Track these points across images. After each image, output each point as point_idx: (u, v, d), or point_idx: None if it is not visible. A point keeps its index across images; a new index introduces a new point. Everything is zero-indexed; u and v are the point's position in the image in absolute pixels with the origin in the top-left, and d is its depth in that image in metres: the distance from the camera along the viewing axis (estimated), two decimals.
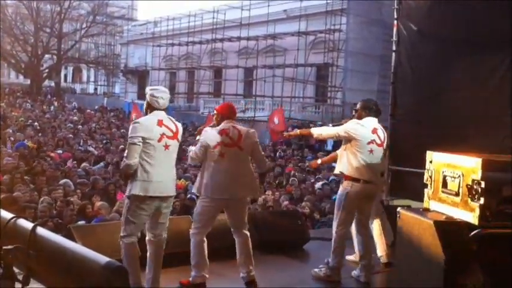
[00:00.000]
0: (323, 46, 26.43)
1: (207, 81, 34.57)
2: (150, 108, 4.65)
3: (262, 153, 5.27)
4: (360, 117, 5.48)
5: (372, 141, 5.29)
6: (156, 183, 4.45)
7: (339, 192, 5.38)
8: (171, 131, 4.57)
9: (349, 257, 5.78)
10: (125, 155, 4.50)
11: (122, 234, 4.51)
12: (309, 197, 10.70)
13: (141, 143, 4.42)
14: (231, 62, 32.47)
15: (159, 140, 4.48)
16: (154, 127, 4.49)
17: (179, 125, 4.73)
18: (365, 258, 5.45)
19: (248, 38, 30.46)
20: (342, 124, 5.57)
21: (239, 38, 30.92)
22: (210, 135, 4.87)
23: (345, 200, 5.25)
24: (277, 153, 18.95)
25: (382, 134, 5.40)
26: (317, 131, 5.66)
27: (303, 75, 27.95)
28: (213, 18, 32.28)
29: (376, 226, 5.99)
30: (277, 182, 12.99)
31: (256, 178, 5.23)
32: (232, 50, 32.34)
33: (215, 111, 5.23)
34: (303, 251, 6.47)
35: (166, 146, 4.51)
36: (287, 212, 8.07)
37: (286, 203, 10.04)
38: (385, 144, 5.44)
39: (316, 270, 5.32)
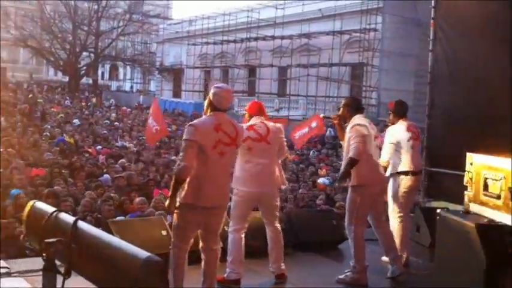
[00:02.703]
0: (358, 45, 26.26)
1: (241, 79, 34.69)
2: (211, 107, 4.34)
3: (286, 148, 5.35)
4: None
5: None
6: (208, 192, 4.17)
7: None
8: (229, 136, 4.25)
9: (384, 258, 5.74)
10: (180, 157, 4.17)
11: (171, 241, 4.35)
12: (343, 196, 10.65)
13: (195, 147, 4.11)
14: (265, 60, 32.49)
15: (214, 147, 4.16)
16: (210, 132, 4.18)
17: (240, 129, 4.44)
18: (391, 253, 5.45)
19: (282, 37, 30.44)
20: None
21: (273, 37, 30.93)
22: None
23: (356, 202, 5.27)
24: (311, 152, 18.91)
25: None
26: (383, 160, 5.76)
27: (337, 74, 27.80)
28: (248, 17, 32.38)
29: (398, 227, 5.91)
30: (311, 180, 12.96)
31: (281, 170, 5.26)
32: (267, 48, 32.37)
33: (245, 111, 5.31)
34: (338, 250, 6.45)
35: (221, 153, 4.19)
36: (322, 211, 8.05)
37: (320, 202, 10.02)
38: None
39: (341, 276, 5.27)
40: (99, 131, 19.22)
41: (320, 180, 12.49)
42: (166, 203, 4.24)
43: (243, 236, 4.96)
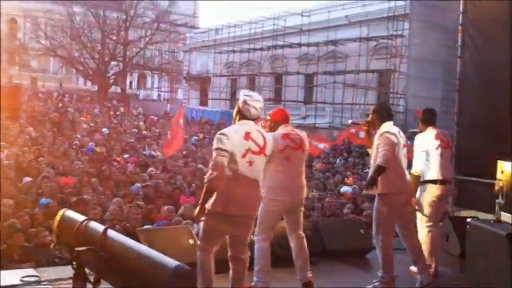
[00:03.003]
0: (385, 52, 26.06)
1: (267, 87, 34.72)
2: (240, 116, 4.38)
3: None
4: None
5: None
6: (237, 201, 4.19)
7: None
8: (258, 145, 4.29)
9: (412, 268, 5.67)
10: (211, 166, 4.18)
11: (198, 247, 4.37)
12: (370, 204, 10.56)
13: (227, 156, 4.13)
14: (291, 68, 32.48)
15: (243, 156, 4.19)
16: (240, 141, 4.21)
17: (268, 138, 4.46)
18: (420, 262, 5.38)
19: (309, 44, 30.39)
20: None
21: (300, 44, 30.91)
22: (274, 139, 4.81)
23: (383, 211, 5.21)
24: (338, 161, 18.81)
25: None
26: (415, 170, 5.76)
27: (364, 81, 27.61)
28: (274, 24, 32.43)
29: (426, 236, 5.82)
30: (337, 189, 12.89)
31: None
32: (293, 56, 32.35)
33: (268, 117, 5.30)
34: (365, 259, 6.40)
35: (251, 163, 4.22)
36: (349, 220, 8.01)
37: (347, 211, 9.95)
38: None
39: (369, 287, 5.19)
40: (127, 140, 19.43)
41: (344, 189, 12.40)
42: (196, 211, 4.25)
43: (269, 245, 4.97)
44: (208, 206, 4.17)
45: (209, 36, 41.19)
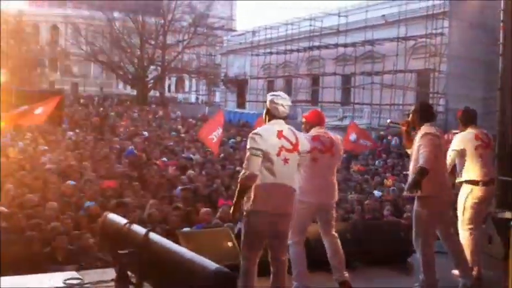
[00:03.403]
0: (424, 51, 25.67)
1: (304, 89, 34.66)
2: (269, 115, 4.45)
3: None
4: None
5: None
6: (276, 199, 4.25)
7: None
8: (291, 143, 4.33)
9: (454, 271, 5.58)
10: (244, 166, 4.25)
11: (242, 255, 4.37)
12: (411, 207, 10.41)
13: (261, 155, 4.20)
14: (328, 69, 32.33)
15: (278, 154, 4.24)
16: (273, 139, 4.27)
17: (300, 136, 4.51)
18: (461, 266, 5.30)
19: (346, 45, 30.22)
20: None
21: (336, 45, 30.75)
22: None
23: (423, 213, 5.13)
24: (377, 162, 18.63)
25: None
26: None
27: (403, 81, 27.25)
28: (310, 25, 32.38)
29: (468, 238, 5.71)
30: (376, 191, 12.76)
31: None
32: (330, 57, 32.20)
33: (303, 119, 5.31)
34: (406, 263, 6.31)
35: (285, 160, 4.27)
36: (389, 223, 7.90)
37: (387, 213, 9.84)
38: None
39: None
40: (166, 143, 19.67)
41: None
42: (231, 211, 4.33)
43: (303, 248, 4.97)
44: (247, 206, 4.23)
45: (246, 38, 41.40)
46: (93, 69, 59.06)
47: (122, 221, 4.02)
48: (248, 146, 4.28)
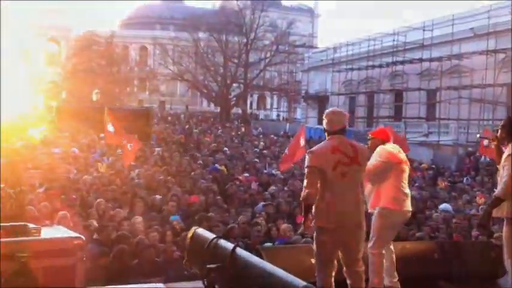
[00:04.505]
0: None
1: (386, 104, 34.04)
2: (326, 132, 4.56)
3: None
4: None
5: None
6: (336, 213, 4.32)
7: None
8: (348, 156, 4.37)
9: None
10: (304, 184, 4.41)
11: (316, 271, 4.47)
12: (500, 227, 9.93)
13: (316, 172, 4.32)
14: (412, 84, 31.59)
15: (334, 169, 4.31)
16: (327, 155, 4.36)
17: (360, 148, 4.55)
18: None
19: (431, 59, 29.42)
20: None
21: (421, 60, 30.02)
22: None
23: None
24: (465, 179, 17.94)
25: None
26: None
27: (492, 96, 26.12)
28: (394, 40, 31.81)
29: None
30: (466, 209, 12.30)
31: None
32: (414, 72, 31.47)
33: (370, 136, 5.31)
34: (497, 284, 6.05)
35: (343, 174, 4.33)
36: (478, 243, 7.61)
37: (476, 233, 9.45)
38: None
39: None
40: (248, 159, 19.92)
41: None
42: (301, 229, 4.65)
43: (382, 259, 4.96)
44: (313, 223, 4.37)
45: (327, 55, 41.29)
46: (179, 88, 60.95)
47: (210, 235, 4.14)
48: (305, 165, 4.44)
